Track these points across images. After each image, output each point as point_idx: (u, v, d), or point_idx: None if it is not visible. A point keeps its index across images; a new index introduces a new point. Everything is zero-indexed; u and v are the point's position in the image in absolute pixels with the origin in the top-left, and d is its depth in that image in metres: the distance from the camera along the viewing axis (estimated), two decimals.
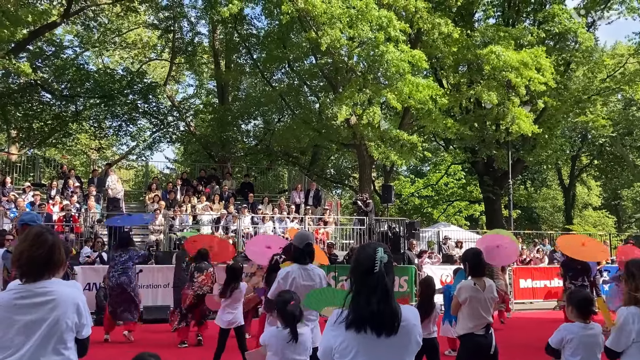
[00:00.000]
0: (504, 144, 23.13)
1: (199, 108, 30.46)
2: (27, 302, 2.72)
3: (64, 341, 2.78)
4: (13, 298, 2.73)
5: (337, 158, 34.47)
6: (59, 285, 2.81)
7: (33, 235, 2.83)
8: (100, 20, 26.94)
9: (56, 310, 2.75)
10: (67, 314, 2.77)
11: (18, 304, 2.72)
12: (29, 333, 2.71)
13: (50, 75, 24.92)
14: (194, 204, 17.89)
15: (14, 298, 2.73)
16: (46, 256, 2.79)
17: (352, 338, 2.39)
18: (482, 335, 5.11)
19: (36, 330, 2.72)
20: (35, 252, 2.78)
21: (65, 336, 2.79)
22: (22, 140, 26.63)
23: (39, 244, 2.80)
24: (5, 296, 2.76)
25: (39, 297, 2.74)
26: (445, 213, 36.63)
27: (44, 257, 2.79)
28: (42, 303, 2.73)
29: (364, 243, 2.47)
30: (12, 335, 2.71)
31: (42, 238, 2.82)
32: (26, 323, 2.71)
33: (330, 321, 2.48)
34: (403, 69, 17.75)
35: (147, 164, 28.99)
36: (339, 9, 17.99)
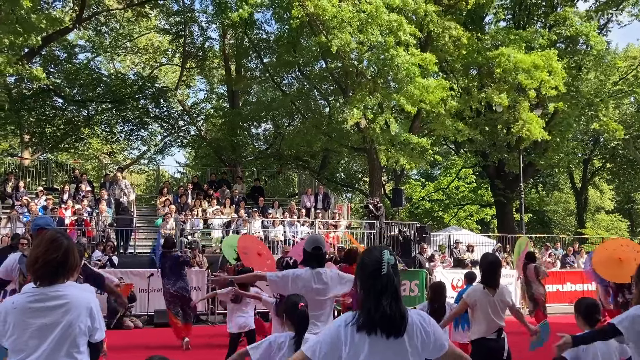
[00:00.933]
0: (515, 148, 23.01)
1: (209, 112, 30.58)
2: (41, 305, 2.74)
3: (77, 345, 2.79)
4: (27, 301, 2.75)
5: (347, 162, 34.45)
6: (72, 289, 2.83)
7: (48, 240, 2.85)
8: (112, 26, 27.16)
9: (69, 313, 2.76)
10: (80, 317, 2.79)
11: (32, 307, 2.74)
12: (43, 336, 2.73)
13: (62, 80, 25.16)
14: (204, 208, 17.95)
15: (29, 301, 2.75)
16: (61, 260, 2.81)
17: (364, 340, 2.41)
18: (493, 339, 5.08)
19: (50, 334, 2.73)
20: (50, 257, 2.79)
21: (78, 340, 2.80)
22: (34, 145, 26.87)
23: (54, 248, 2.81)
24: (19, 299, 2.78)
25: (53, 301, 2.75)
26: (456, 217, 36.46)
27: (59, 261, 2.81)
28: (55, 307, 2.75)
29: (370, 246, 2.47)
30: (26, 339, 2.72)
31: (57, 242, 2.84)
32: (40, 326, 2.73)
33: (342, 321, 2.48)
34: (413, 72, 17.72)
35: (159, 168, 29.17)
36: (349, 13, 18.01)
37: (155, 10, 27.10)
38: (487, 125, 22.58)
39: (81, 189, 17.49)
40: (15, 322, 2.73)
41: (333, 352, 2.45)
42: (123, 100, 25.10)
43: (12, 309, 2.74)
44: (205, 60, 28.72)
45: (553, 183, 39.68)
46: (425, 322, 2.50)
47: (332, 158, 31.00)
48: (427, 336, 2.47)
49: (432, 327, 2.51)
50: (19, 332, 2.73)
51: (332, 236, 17.59)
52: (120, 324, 11.78)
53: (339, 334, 2.45)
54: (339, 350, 2.44)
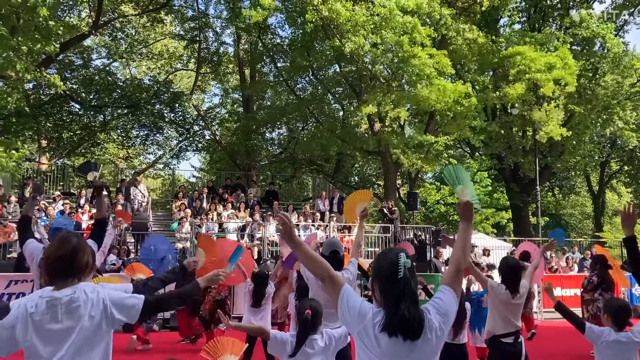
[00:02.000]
0: (531, 151, 22.83)
1: (224, 117, 30.75)
2: (55, 310, 2.70)
3: (95, 347, 2.76)
4: (42, 307, 2.71)
5: (362, 165, 34.42)
6: (84, 291, 2.78)
7: (57, 239, 2.87)
8: (128, 32, 27.45)
9: (83, 318, 2.72)
10: (95, 319, 2.76)
11: (46, 312, 2.70)
12: (58, 342, 2.69)
13: (79, 86, 25.45)
14: (219, 212, 18.02)
15: (43, 307, 2.71)
16: (69, 258, 2.79)
17: (384, 341, 2.41)
18: (510, 343, 5.04)
19: (66, 339, 2.70)
20: (59, 253, 2.79)
21: (97, 342, 2.77)
22: (52, 150, 27.20)
23: (63, 246, 2.81)
24: (35, 304, 2.73)
25: (67, 305, 2.71)
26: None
27: (68, 259, 2.79)
28: (69, 311, 2.71)
29: (385, 249, 2.46)
30: (42, 345, 2.69)
31: (66, 241, 2.83)
32: (55, 332, 2.69)
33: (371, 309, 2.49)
34: (428, 73, 17.65)
35: (174, 173, 29.32)
36: (363, 17, 18.02)
37: (171, 16, 27.35)
38: (503, 128, 22.44)
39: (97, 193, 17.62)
40: (29, 328, 2.70)
41: (352, 312, 2.49)
42: (139, 105, 25.32)
43: (25, 314, 2.71)
44: (220, 66, 28.90)
45: (570, 186, 39.30)
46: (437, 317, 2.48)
47: (346, 162, 30.99)
48: (443, 332, 2.48)
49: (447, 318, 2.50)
50: (34, 338, 2.69)
51: (347, 240, 17.56)
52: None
53: (367, 315, 2.47)
54: (354, 321, 2.48)
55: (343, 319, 2.55)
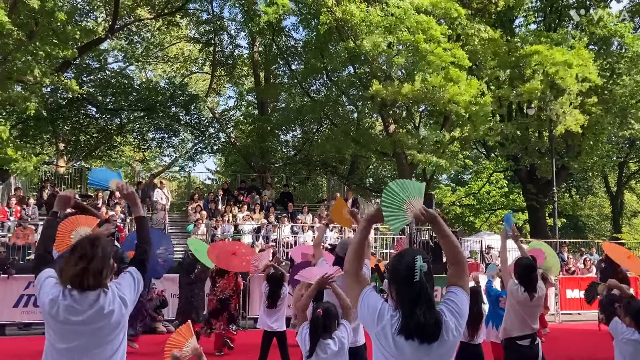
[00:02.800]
0: (547, 151, 22.61)
1: (239, 119, 30.89)
2: (76, 308, 2.76)
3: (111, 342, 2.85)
4: (63, 307, 2.76)
5: (376, 167, 34.34)
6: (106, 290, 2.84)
7: (81, 245, 2.86)
8: (144, 35, 27.70)
9: (105, 312, 2.79)
10: (114, 314, 2.83)
11: (67, 310, 2.76)
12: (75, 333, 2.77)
13: (95, 89, 25.73)
14: (235, 214, 18.10)
15: (64, 307, 2.76)
16: (96, 264, 2.82)
17: (401, 343, 2.41)
18: (527, 346, 4.99)
19: (84, 333, 2.77)
20: (89, 264, 2.80)
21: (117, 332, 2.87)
22: (69, 153, 27.51)
23: (89, 252, 2.82)
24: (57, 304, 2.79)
25: (88, 305, 2.77)
26: (488, 222, 35.97)
27: (96, 268, 2.81)
28: (90, 310, 2.77)
29: (401, 251, 2.45)
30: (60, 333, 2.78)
31: (91, 246, 2.85)
32: (74, 323, 2.76)
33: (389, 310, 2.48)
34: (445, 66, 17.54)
35: (189, 175, 29.54)
36: (378, 17, 17.99)
37: (186, 20, 27.56)
38: (519, 129, 22.25)
39: (114, 195, 17.82)
40: (52, 320, 2.79)
41: (372, 313, 2.48)
42: (155, 108, 25.53)
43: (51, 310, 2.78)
44: (235, 68, 29.06)
45: (587, 187, 38.83)
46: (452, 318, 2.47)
47: (361, 163, 30.95)
48: (459, 333, 2.47)
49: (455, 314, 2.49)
50: (55, 331, 2.80)
51: None
52: (153, 329, 11.92)
53: (385, 316, 2.46)
54: (372, 321, 2.47)
55: (362, 319, 2.55)
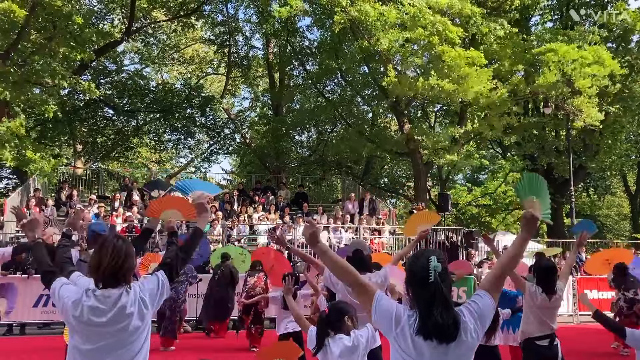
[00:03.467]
0: (565, 150, 22.39)
1: (254, 120, 31.01)
2: (100, 307, 2.79)
3: (133, 344, 2.87)
4: (88, 304, 2.80)
5: (391, 167, 34.24)
6: (127, 290, 2.88)
7: (109, 244, 2.92)
8: (159, 37, 27.91)
9: (126, 313, 2.82)
10: (135, 314, 2.85)
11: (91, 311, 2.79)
12: (98, 334, 2.80)
13: (112, 91, 25.98)
14: (250, 214, 18.16)
15: (89, 303, 2.80)
16: (122, 265, 2.88)
17: (420, 343, 2.41)
18: (546, 346, 4.94)
19: (106, 333, 2.80)
20: (113, 262, 2.85)
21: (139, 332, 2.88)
22: (87, 155, 27.82)
23: (110, 251, 2.87)
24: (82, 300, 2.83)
25: (111, 305, 2.81)
26: (504, 222, 35.68)
27: (121, 266, 2.87)
28: (114, 311, 2.80)
29: (416, 252, 2.44)
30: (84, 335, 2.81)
31: (118, 247, 2.90)
32: (97, 324, 2.79)
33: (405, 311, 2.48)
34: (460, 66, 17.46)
35: (205, 176, 29.68)
36: (393, 16, 17.95)
37: (201, 21, 27.71)
38: (536, 128, 22.06)
39: (132, 196, 17.98)
40: (76, 322, 2.82)
41: (387, 318, 2.47)
42: (171, 109, 25.74)
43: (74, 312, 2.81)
44: (250, 69, 29.15)
45: (605, 186, 38.34)
46: (471, 319, 2.46)
47: (376, 163, 30.88)
48: (477, 334, 2.46)
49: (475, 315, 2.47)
50: (79, 332, 2.82)
51: (377, 242, 17.51)
52: None
53: (401, 317, 2.45)
54: (389, 325, 2.46)
55: (378, 325, 2.54)
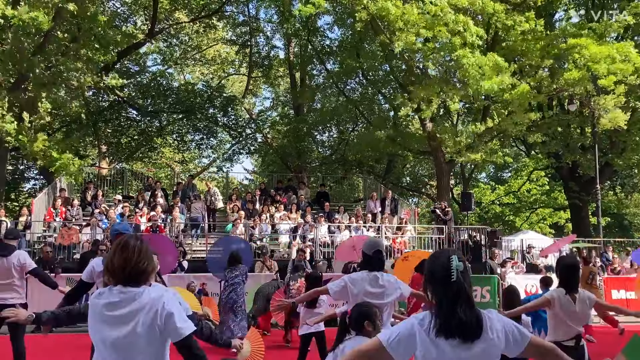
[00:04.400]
0: (590, 148, 22.02)
1: (275, 120, 31.13)
2: (115, 306, 2.78)
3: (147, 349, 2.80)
4: (104, 302, 2.80)
5: (413, 166, 34.06)
6: (148, 291, 2.84)
7: (123, 243, 2.90)
8: (181, 38, 28.16)
9: (145, 314, 2.77)
10: (154, 318, 2.78)
11: (109, 308, 2.79)
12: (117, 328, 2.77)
13: (135, 92, 26.30)
14: (272, 213, 18.23)
15: (105, 302, 2.79)
16: (143, 267, 2.85)
17: (442, 344, 2.38)
18: (572, 346, 4.86)
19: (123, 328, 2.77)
20: (123, 258, 2.83)
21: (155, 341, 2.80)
22: (111, 155, 28.20)
23: (127, 251, 2.85)
24: (95, 301, 2.84)
25: (130, 303, 2.78)
26: (528, 221, 35.26)
27: (141, 268, 2.85)
28: (132, 310, 2.77)
29: (435, 252, 2.38)
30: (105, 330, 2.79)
31: (129, 246, 2.88)
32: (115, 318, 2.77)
33: (418, 320, 2.44)
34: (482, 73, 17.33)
35: (227, 176, 29.89)
36: (414, 15, 17.86)
37: (222, 22, 27.88)
38: (560, 125, 21.72)
39: (155, 196, 18.19)
40: (94, 319, 2.82)
41: (406, 344, 2.42)
42: (193, 110, 25.96)
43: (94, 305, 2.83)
44: (271, 69, 29.25)
45: (632, 184, 37.60)
46: (501, 321, 2.46)
47: (398, 162, 30.75)
48: (504, 335, 2.43)
49: (508, 325, 2.46)
50: (98, 328, 2.81)
51: (399, 241, 17.44)
52: None
53: (414, 330, 2.42)
54: (413, 345, 2.41)
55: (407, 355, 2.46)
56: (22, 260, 6.62)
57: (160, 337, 2.81)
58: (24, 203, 23.81)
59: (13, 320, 3.21)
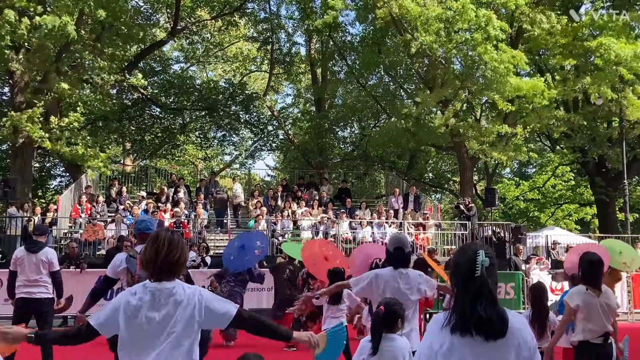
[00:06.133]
0: (617, 142, 21.58)
1: (296, 117, 31.17)
2: (154, 302, 2.80)
3: (185, 341, 2.83)
4: (141, 297, 2.81)
5: (436, 162, 33.81)
6: (182, 285, 2.89)
7: (154, 236, 2.94)
8: (204, 36, 28.33)
9: (183, 308, 2.80)
10: (194, 311, 2.82)
11: (146, 303, 2.80)
12: (155, 330, 2.78)
13: (159, 90, 26.55)
14: (294, 210, 18.27)
15: (142, 298, 2.81)
16: (178, 258, 2.88)
17: (457, 342, 2.33)
18: (600, 344, 4.77)
19: (163, 328, 2.78)
20: (171, 256, 2.86)
21: (187, 334, 2.83)
22: (135, 152, 28.53)
23: (162, 245, 2.87)
24: (130, 298, 2.84)
25: (167, 297, 2.81)
26: (554, 217, 34.75)
27: (177, 259, 2.88)
28: (169, 302, 2.80)
29: (463, 245, 2.32)
30: (141, 335, 2.79)
31: (175, 242, 2.90)
32: (153, 320, 2.78)
33: (437, 325, 2.41)
34: (505, 69, 17.12)
35: (250, 172, 30.04)
36: (435, 12, 17.70)
37: (244, 19, 27.97)
38: (586, 119, 21.32)
39: (179, 193, 18.35)
40: (128, 318, 2.80)
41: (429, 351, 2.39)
42: (215, 107, 26.11)
43: (126, 304, 2.82)
44: (292, 66, 29.27)
45: None
46: (523, 326, 2.39)
47: (420, 158, 30.54)
48: (524, 342, 2.35)
49: (529, 334, 2.39)
50: (132, 328, 2.80)
51: (422, 237, 17.32)
52: None
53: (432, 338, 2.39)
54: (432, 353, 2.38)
55: None
56: (50, 258, 6.85)
57: (196, 331, 2.85)
58: (51, 200, 24.25)
59: None
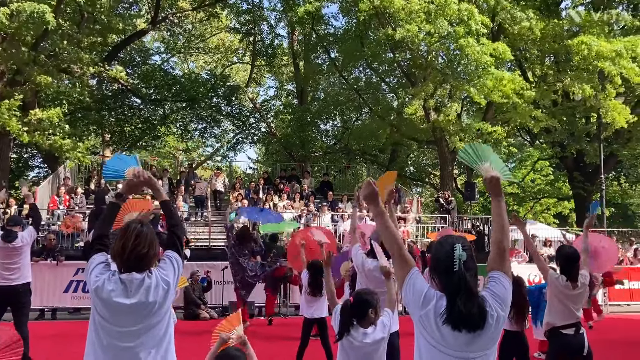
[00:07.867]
0: (595, 138, 21.91)
1: (279, 109, 31.06)
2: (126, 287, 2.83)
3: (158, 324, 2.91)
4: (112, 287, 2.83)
5: (417, 156, 33.99)
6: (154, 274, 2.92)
7: (123, 228, 2.94)
8: (185, 27, 28.05)
9: (154, 294, 2.86)
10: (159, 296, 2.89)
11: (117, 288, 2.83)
12: (127, 315, 2.84)
13: (139, 81, 26.25)
14: (275, 203, 18.24)
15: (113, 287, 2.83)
16: (146, 252, 2.90)
17: (447, 332, 2.37)
18: (571, 335, 4.86)
19: (134, 315, 2.84)
20: (138, 250, 2.87)
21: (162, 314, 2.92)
22: (115, 144, 28.20)
23: (141, 241, 2.89)
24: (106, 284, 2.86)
25: (137, 286, 2.84)
26: (532, 211, 35.19)
27: (145, 253, 2.89)
28: (140, 291, 2.84)
29: (441, 238, 2.37)
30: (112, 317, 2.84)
31: (143, 234, 2.91)
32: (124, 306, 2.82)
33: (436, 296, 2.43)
34: (485, 62, 17.25)
35: (231, 165, 29.91)
36: (417, 5, 17.75)
37: (226, 10, 27.75)
38: (565, 114, 21.60)
39: (161, 184, 18.23)
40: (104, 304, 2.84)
41: (417, 294, 2.44)
42: (197, 99, 25.90)
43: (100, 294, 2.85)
44: (275, 58, 29.14)
45: (637, 175, 37.44)
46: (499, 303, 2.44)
47: (401, 152, 30.68)
48: (501, 319, 2.43)
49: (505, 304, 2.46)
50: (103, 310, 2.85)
51: (402, 230, 17.42)
52: (196, 314, 12.17)
53: (429, 299, 2.42)
54: (418, 302, 2.42)
55: (406, 301, 2.50)
56: (24, 240, 7.11)
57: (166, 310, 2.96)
58: None
59: None
